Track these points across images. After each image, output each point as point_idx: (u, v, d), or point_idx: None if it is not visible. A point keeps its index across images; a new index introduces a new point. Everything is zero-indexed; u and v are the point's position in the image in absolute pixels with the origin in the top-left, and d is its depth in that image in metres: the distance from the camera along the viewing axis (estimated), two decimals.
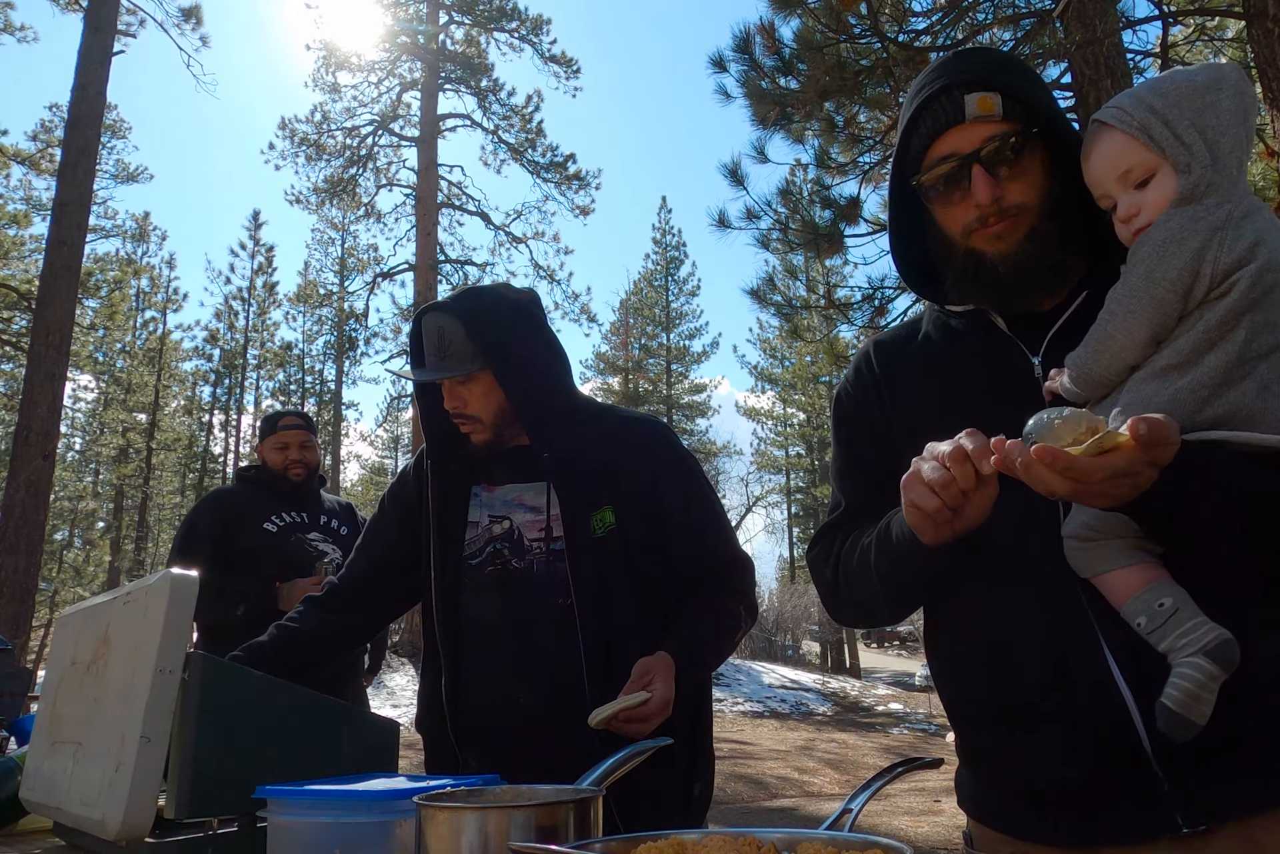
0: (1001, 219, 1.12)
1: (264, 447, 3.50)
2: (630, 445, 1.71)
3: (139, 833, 1.09)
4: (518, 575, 1.66)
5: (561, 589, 1.61)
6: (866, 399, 1.30)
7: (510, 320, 1.71)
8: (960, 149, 1.12)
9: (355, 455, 38.14)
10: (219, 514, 3.35)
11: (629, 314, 31.57)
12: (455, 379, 1.68)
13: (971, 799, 1.21)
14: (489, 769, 1.44)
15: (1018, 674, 1.08)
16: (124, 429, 27.20)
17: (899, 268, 1.31)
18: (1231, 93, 1.03)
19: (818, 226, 6.98)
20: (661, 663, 1.54)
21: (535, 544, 1.67)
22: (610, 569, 1.62)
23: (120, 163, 24.37)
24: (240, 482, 3.60)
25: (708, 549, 1.72)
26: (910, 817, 7.42)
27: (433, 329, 1.68)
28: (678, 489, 1.70)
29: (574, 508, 1.64)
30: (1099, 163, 1.08)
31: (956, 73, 1.13)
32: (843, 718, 15.57)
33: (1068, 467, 0.85)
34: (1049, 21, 5.59)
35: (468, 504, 1.75)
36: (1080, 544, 1.03)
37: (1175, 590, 0.97)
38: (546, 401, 1.70)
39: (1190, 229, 0.98)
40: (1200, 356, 0.96)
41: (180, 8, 15.58)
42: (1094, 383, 1.03)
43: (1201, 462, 0.92)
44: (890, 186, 1.25)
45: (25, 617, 10.21)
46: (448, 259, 21.27)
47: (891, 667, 30.14)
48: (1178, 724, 0.92)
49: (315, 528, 3.43)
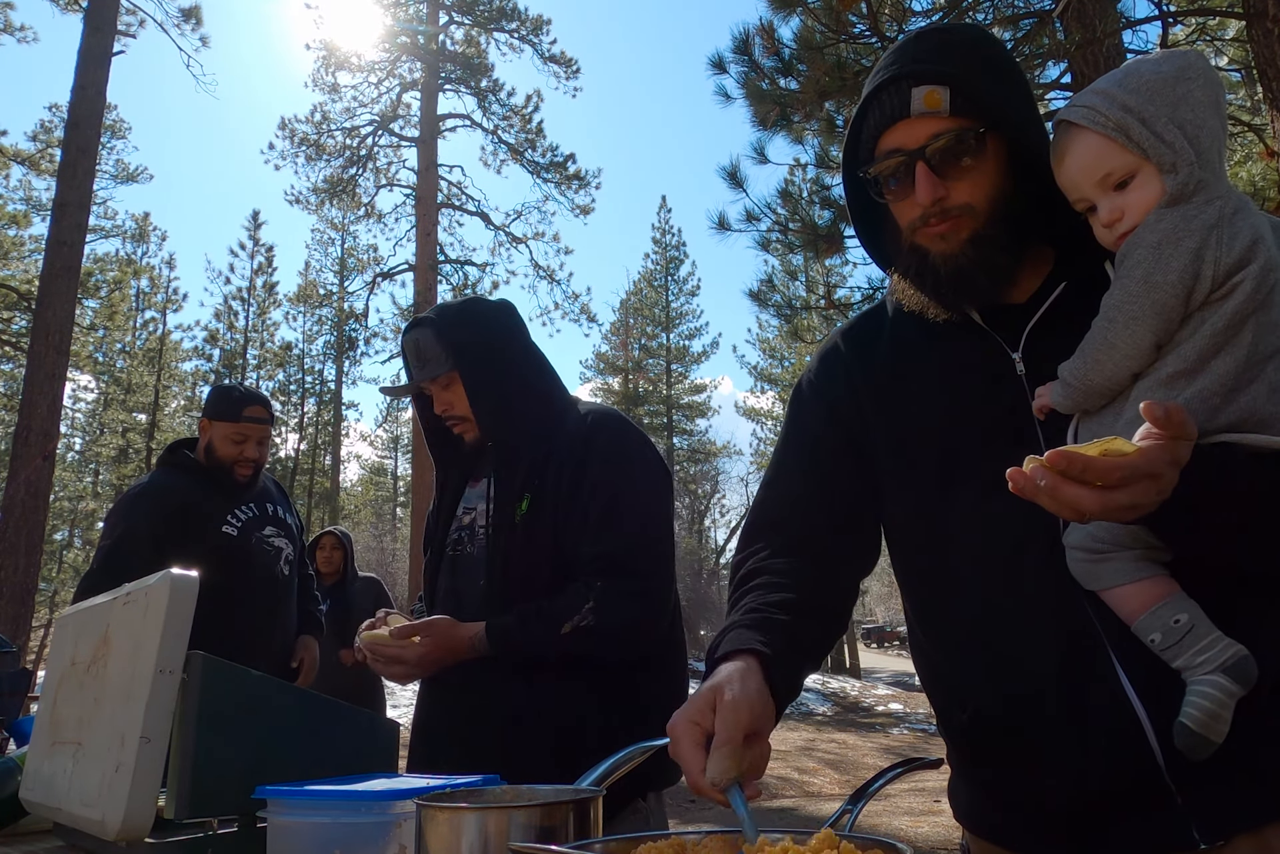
0: (944, 219, 1.08)
1: (216, 431, 2.98)
2: (570, 437, 1.76)
3: (139, 833, 1.09)
4: (465, 559, 1.82)
5: (482, 571, 1.75)
6: (835, 389, 1.24)
7: (475, 323, 1.83)
8: (905, 144, 1.07)
9: (355, 455, 38.17)
10: (165, 516, 2.85)
11: (629, 314, 31.54)
12: (438, 383, 1.81)
13: (969, 814, 1.17)
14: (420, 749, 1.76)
15: (1022, 686, 1.04)
16: (124, 429, 27.18)
17: (866, 247, 1.26)
18: (1201, 82, 0.99)
19: (817, 227, 6.98)
20: (447, 631, 1.65)
21: (481, 530, 1.80)
22: (520, 555, 1.70)
23: (120, 163, 24.34)
24: (172, 470, 3.04)
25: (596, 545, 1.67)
26: (910, 817, 7.42)
27: (410, 343, 1.83)
28: (592, 481, 1.71)
29: (503, 497, 1.75)
30: (1075, 167, 1.03)
31: (909, 61, 1.07)
32: (843, 718, 15.56)
33: (1086, 467, 0.78)
34: (1049, 21, 5.59)
35: (459, 499, 1.90)
36: (1087, 556, 0.99)
37: (1189, 605, 0.94)
38: (506, 398, 1.79)
39: (1184, 229, 0.95)
40: (1207, 362, 0.93)
41: (180, 8, 15.60)
42: (1094, 393, 1.00)
43: (1219, 464, 0.89)
44: (844, 173, 1.20)
45: (25, 617, 10.20)
46: (448, 259, 21.28)
47: (891, 667, 30.11)
48: (1198, 743, 0.90)
49: (267, 521, 3.06)
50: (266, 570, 3.02)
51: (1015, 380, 1.10)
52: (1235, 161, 8.32)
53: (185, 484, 2.98)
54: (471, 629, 1.66)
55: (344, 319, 27.40)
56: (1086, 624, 1.01)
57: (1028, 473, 0.81)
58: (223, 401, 3.03)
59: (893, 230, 1.17)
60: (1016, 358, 1.10)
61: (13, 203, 21.75)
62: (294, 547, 3.18)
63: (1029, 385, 1.08)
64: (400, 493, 36.24)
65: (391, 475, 37.94)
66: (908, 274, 1.14)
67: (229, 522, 2.96)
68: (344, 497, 33.82)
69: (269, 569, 3.03)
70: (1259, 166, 7.25)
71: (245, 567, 2.95)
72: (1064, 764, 1.01)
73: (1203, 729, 0.90)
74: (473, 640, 1.65)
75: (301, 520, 3.41)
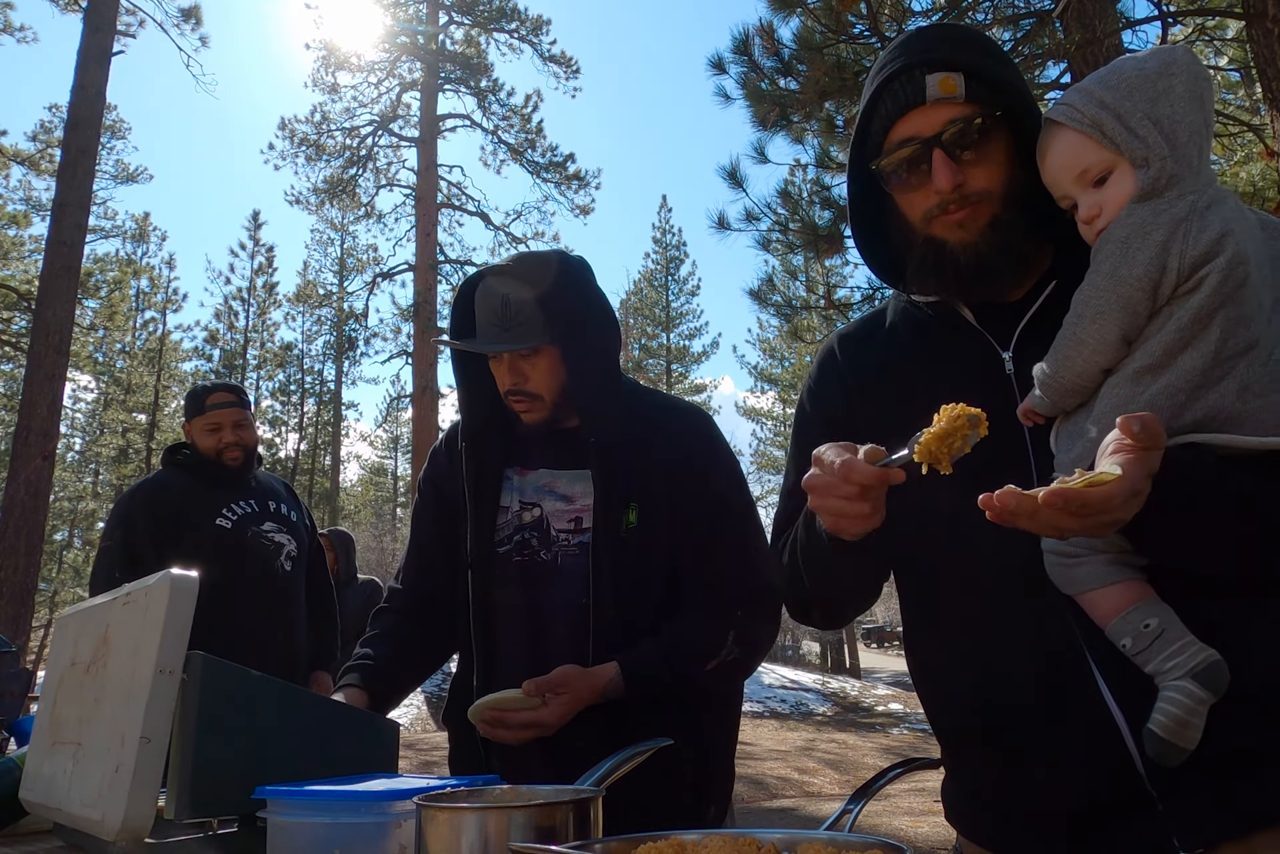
0: (963, 206, 1.07)
1: (194, 429, 3.04)
2: (672, 438, 1.57)
3: (139, 833, 1.09)
4: (543, 568, 1.56)
5: (582, 587, 1.52)
6: (831, 398, 1.25)
7: (578, 291, 1.58)
8: (921, 132, 1.06)
9: (355, 455, 38.23)
10: (158, 513, 2.92)
11: (629, 314, 31.52)
12: (519, 352, 1.53)
13: (959, 816, 1.17)
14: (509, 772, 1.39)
15: (1004, 690, 1.04)
16: (124, 429, 27.17)
17: (863, 255, 1.25)
18: (1184, 77, 0.98)
19: (817, 227, 6.98)
20: (584, 680, 1.43)
21: (563, 535, 1.57)
22: (632, 570, 1.51)
23: (120, 163, 24.34)
24: (173, 468, 3.10)
25: (721, 567, 1.54)
26: (910, 817, 7.42)
27: (495, 296, 1.53)
28: (716, 496, 1.57)
29: (609, 502, 1.53)
30: (1054, 163, 1.04)
31: (918, 52, 1.07)
32: (843, 718, 15.56)
33: (1084, 504, 0.79)
34: (1049, 22, 5.59)
35: (500, 488, 1.63)
36: (1061, 559, 0.99)
37: (1161, 610, 0.93)
38: (604, 385, 1.57)
39: (1153, 223, 0.94)
40: (1174, 358, 0.92)
41: (180, 8, 15.61)
42: (1067, 391, 0.99)
43: (1185, 468, 0.88)
44: (850, 171, 1.18)
45: (25, 617, 10.21)
46: (448, 259, 21.29)
47: (891, 667, 30.10)
48: (1166, 750, 0.89)
49: (267, 517, 3.06)
50: (264, 565, 3.00)
51: (1004, 379, 1.09)
52: (1235, 161, 8.32)
53: (182, 481, 3.03)
54: (605, 675, 1.45)
55: (344, 319, 27.43)
56: (1066, 629, 1.00)
57: (1013, 503, 0.80)
58: (190, 400, 3.09)
59: (901, 227, 1.15)
60: (1006, 357, 1.10)
61: (13, 203, 21.80)
62: (300, 545, 3.16)
63: (1018, 384, 1.08)
64: (400, 493, 36.21)
65: (391, 475, 37.93)
66: (923, 267, 1.13)
67: (224, 515, 2.97)
68: (344, 497, 33.84)
69: (267, 564, 3.01)
70: (1259, 166, 7.24)
71: (240, 560, 2.93)
72: (1043, 770, 1.00)
73: (1171, 736, 0.88)
74: (608, 686, 1.44)
75: (314, 522, 3.38)
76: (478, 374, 1.64)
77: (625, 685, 1.45)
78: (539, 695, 1.39)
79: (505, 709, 1.41)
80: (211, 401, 3.03)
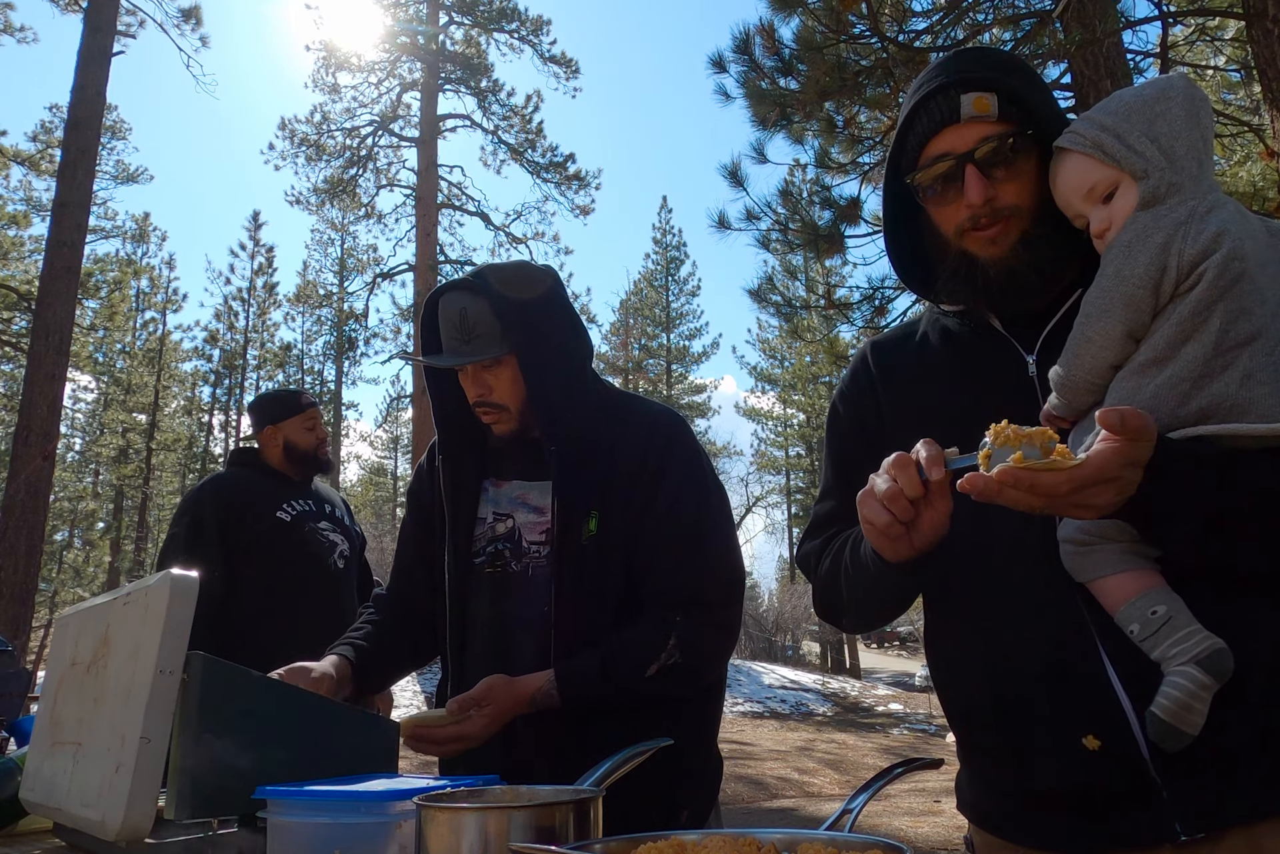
0: (994, 221, 1.12)
1: (288, 430, 3.22)
2: (636, 445, 1.56)
3: (139, 834, 1.09)
4: (513, 579, 1.58)
5: (546, 597, 1.53)
6: (862, 402, 1.30)
7: (536, 299, 1.57)
8: (955, 148, 1.12)
9: (355, 456, 38.13)
10: (225, 502, 3.10)
11: (629, 314, 31.57)
12: (481, 364, 1.55)
13: (972, 804, 1.20)
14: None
15: (1014, 678, 1.07)
16: (124, 429, 27.19)
17: (894, 265, 1.31)
18: (1180, 100, 1.05)
19: (817, 227, 6.98)
20: (508, 692, 1.43)
21: (534, 547, 1.58)
22: (593, 579, 1.51)
23: (120, 163, 24.39)
24: (240, 467, 3.31)
25: (676, 575, 1.52)
26: (910, 817, 7.42)
27: (454, 310, 1.55)
28: (670, 502, 1.54)
29: (569, 511, 1.54)
30: (1064, 184, 1.10)
31: (955, 72, 1.13)
32: (843, 718, 15.56)
33: (1032, 485, 0.85)
34: (1049, 22, 5.59)
35: (478, 500, 1.65)
36: (1075, 548, 1.02)
37: (1169, 597, 0.96)
38: (566, 392, 1.57)
39: (1154, 226, 1.00)
40: (1177, 350, 0.96)
41: (180, 8, 15.59)
42: (1079, 389, 1.03)
43: (1187, 459, 0.91)
44: (886, 183, 1.25)
45: (25, 617, 10.20)
46: (448, 259, 21.28)
47: (891, 667, 30.12)
48: (1169, 734, 0.92)
49: (323, 517, 3.23)
50: (319, 560, 3.13)
51: (1027, 381, 1.14)
52: (1235, 161, 8.32)
53: (247, 478, 3.24)
54: (534, 683, 1.45)
55: (344, 319, 27.45)
56: (1078, 617, 1.03)
57: (973, 480, 0.88)
58: (278, 405, 3.31)
59: (934, 240, 1.20)
60: (1031, 360, 1.14)
61: (13, 203, 21.82)
62: (351, 547, 3.28)
63: (1040, 386, 1.12)
64: (400, 493, 36.21)
65: (391, 475, 37.95)
66: (955, 278, 1.18)
67: (284, 509, 3.16)
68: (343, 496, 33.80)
69: (321, 559, 3.14)
70: (1259, 166, 7.25)
71: (298, 551, 3.09)
72: (1051, 754, 1.03)
73: (1173, 719, 0.91)
74: (536, 694, 1.44)
75: (364, 536, 3.49)
76: (451, 389, 1.66)
77: (559, 692, 1.45)
78: (465, 712, 1.41)
79: (430, 725, 1.42)
80: (305, 401, 3.30)
